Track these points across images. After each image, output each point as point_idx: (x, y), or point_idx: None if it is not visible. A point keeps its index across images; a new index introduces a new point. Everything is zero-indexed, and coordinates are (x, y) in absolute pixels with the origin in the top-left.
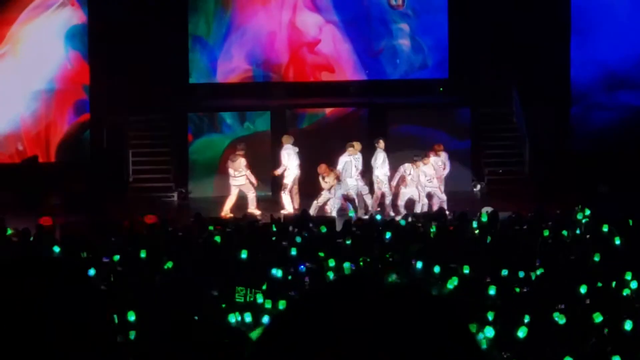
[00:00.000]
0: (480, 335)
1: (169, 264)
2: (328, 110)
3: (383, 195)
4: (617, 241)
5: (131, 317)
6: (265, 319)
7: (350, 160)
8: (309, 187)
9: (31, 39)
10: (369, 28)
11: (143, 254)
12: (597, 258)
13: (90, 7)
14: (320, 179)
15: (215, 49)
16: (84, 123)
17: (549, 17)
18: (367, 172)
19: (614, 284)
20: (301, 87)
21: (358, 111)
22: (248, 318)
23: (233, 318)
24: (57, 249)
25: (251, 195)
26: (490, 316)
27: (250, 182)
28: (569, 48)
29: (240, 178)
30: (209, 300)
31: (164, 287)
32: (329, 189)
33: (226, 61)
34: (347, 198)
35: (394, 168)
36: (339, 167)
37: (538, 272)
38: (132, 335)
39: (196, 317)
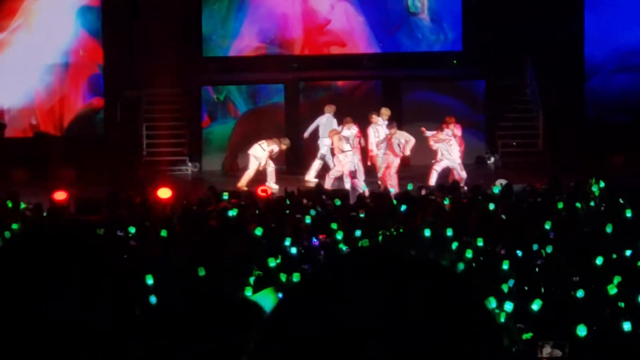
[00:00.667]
0: (497, 309)
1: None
2: (340, 83)
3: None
4: (629, 213)
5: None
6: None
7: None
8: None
9: (45, 12)
10: (383, 1)
11: (164, 233)
12: (609, 229)
13: None
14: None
15: (229, 25)
16: (98, 98)
17: None
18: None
19: (628, 252)
20: (314, 60)
21: (370, 84)
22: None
23: (249, 292)
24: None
25: (270, 169)
26: (505, 289)
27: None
28: (583, 19)
29: (263, 155)
30: (223, 274)
31: (178, 261)
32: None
33: (239, 36)
34: (353, 175)
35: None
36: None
37: (550, 246)
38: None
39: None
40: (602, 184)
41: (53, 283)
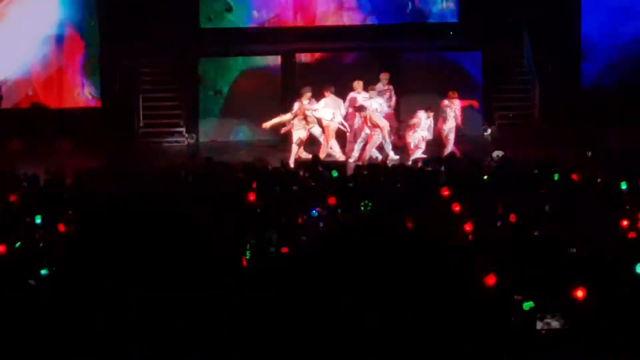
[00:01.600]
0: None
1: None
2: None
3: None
4: (624, 186)
5: None
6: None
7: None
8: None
9: None
10: None
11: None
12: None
13: None
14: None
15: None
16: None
17: None
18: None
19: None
20: (311, 32)
21: (363, 54)
22: None
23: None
24: None
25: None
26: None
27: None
28: None
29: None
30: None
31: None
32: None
33: (237, 6)
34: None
35: (406, 113)
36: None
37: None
38: None
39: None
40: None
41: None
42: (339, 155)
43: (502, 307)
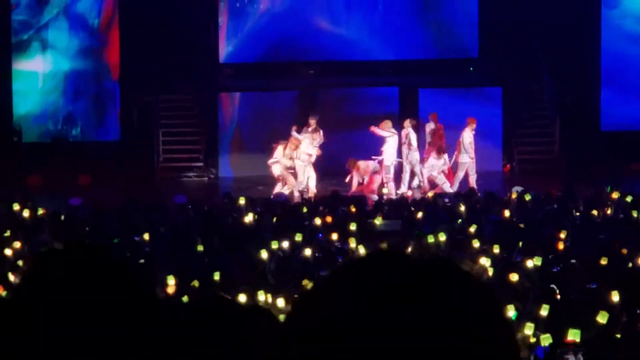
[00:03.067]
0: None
1: (200, 247)
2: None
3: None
4: None
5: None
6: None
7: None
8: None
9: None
10: (400, 8)
11: (200, 248)
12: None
13: None
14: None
15: (245, 29)
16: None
17: None
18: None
19: None
20: (330, 66)
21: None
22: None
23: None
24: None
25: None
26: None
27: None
28: (600, 25)
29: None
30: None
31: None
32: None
33: (256, 41)
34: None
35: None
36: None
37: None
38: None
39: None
40: (617, 194)
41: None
42: (303, 188)
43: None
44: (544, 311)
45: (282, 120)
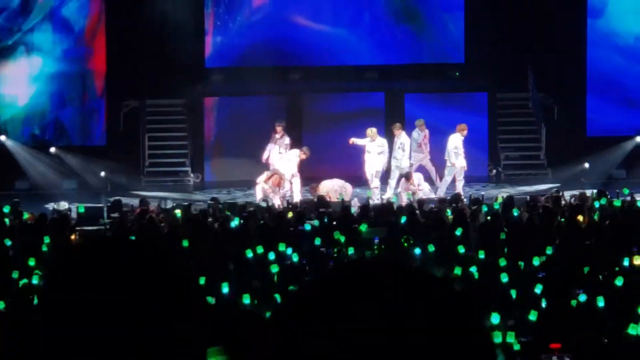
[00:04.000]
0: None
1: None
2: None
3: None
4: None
5: None
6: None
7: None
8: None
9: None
10: (385, 13)
11: (185, 243)
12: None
13: None
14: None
15: (231, 34)
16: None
17: (565, 2)
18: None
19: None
20: (317, 71)
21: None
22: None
23: (247, 300)
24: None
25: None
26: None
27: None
28: (586, 32)
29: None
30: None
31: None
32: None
33: (241, 46)
34: None
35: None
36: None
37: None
38: None
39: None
40: (603, 200)
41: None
42: (288, 194)
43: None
44: (532, 317)
45: (268, 125)
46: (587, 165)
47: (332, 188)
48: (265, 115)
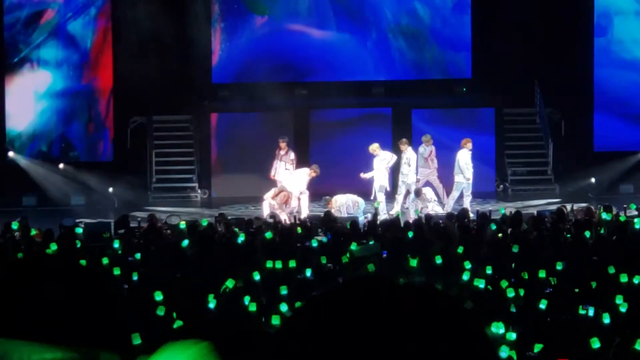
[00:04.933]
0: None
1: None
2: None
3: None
4: None
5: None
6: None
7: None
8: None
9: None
10: (393, 29)
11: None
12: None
13: (114, 10)
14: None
15: (238, 49)
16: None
17: (572, 16)
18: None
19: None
20: (324, 87)
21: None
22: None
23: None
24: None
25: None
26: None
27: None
28: (593, 48)
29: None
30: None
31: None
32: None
33: (248, 61)
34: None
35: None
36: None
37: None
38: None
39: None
40: (609, 216)
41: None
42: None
43: None
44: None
45: (275, 141)
46: (593, 180)
47: (346, 202)
48: (272, 130)
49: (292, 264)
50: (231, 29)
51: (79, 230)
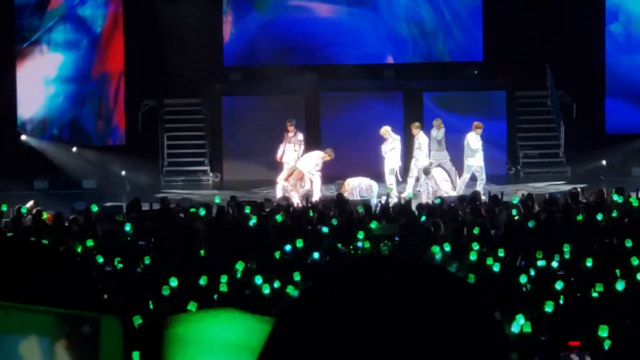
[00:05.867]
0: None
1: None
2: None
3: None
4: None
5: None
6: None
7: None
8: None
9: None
10: (404, 10)
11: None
12: (629, 244)
13: None
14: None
15: (249, 32)
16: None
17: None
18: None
19: None
20: (335, 70)
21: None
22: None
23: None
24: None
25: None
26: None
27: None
28: (604, 30)
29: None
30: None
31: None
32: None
33: (259, 44)
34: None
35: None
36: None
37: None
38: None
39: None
40: (620, 198)
41: None
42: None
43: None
44: (549, 308)
45: (285, 124)
46: (604, 162)
47: (359, 186)
48: (283, 113)
49: (300, 243)
50: (242, 11)
51: (95, 208)
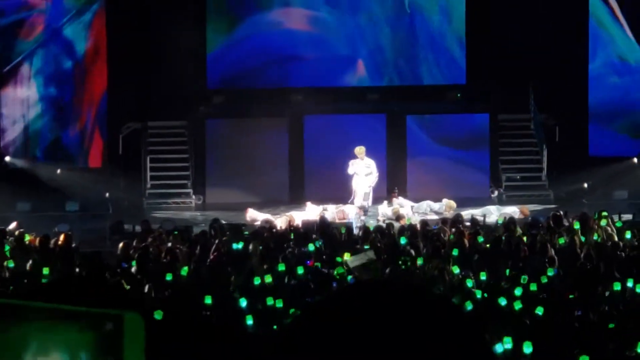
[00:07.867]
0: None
1: (184, 271)
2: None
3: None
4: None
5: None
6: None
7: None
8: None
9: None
10: (389, 34)
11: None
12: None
13: (107, 6)
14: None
15: (232, 55)
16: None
17: (567, 24)
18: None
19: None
20: (318, 92)
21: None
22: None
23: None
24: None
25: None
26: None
27: None
28: (587, 54)
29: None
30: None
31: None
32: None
33: (243, 67)
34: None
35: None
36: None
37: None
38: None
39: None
40: (604, 222)
41: None
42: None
43: None
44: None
45: (269, 146)
46: (585, 185)
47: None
48: (267, 136)
49: (282, 267)
50: (225, 34)
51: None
